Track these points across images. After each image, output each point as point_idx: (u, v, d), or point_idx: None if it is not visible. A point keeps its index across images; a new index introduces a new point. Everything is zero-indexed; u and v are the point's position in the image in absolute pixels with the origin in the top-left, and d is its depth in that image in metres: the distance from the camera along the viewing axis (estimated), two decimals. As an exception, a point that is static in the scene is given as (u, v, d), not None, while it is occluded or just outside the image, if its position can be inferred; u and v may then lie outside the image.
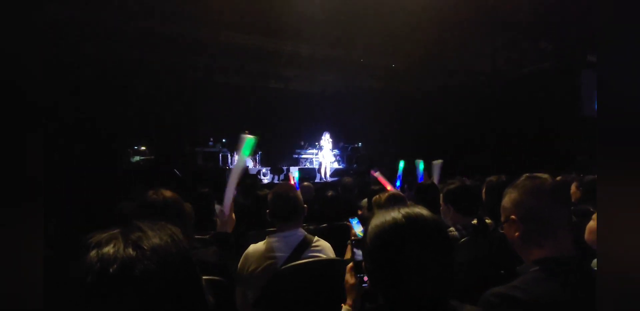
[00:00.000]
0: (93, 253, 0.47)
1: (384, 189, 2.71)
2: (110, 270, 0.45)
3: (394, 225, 0.74)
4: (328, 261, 1.43)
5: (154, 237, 0.50)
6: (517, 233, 0.90)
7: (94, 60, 7.05)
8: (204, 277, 0.54)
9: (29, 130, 0.63)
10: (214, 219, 2.49)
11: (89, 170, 5.89)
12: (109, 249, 0.47)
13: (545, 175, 0.99)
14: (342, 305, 0.97)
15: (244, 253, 1.49)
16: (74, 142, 6.58)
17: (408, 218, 0.75)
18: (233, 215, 1.48)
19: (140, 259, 0.46)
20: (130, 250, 0.47)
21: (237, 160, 1.50)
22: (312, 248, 1.49)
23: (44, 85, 0.65)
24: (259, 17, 6.70)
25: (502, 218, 0.97)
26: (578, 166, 5.01)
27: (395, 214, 0.76)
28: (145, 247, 0.48)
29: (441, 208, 1.89)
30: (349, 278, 0.96)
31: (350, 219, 1.70)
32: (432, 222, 0.76)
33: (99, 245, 0.48)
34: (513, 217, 0.91)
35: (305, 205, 1.64)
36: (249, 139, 1.69)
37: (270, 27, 7.13)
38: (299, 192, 1.66)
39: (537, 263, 0.87)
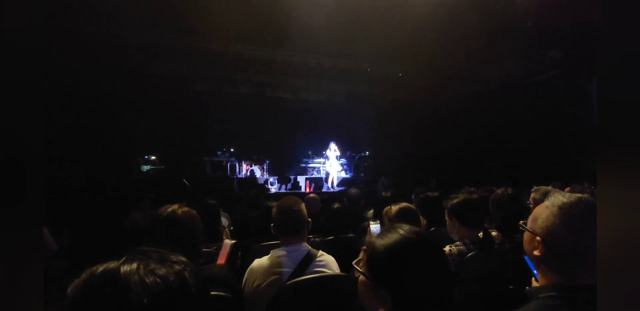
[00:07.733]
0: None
1: (394, 198, 2.68)
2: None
3: (406, 241, 0.76)
4: (332, 277, 1.43)
5: (156, 270, 0.51)
6: (538, 252, 0.85)
7: (106, 71, 7.28)
8: (212, 293, 0.55)
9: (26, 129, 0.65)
10: (220, 230, 2.50)
11: (100, 180, 6.01)
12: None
13: (585, 195, 0.87)
14: None
15: (249, 268, 1.49)
16: (85, 152, 6.73)
17: (419, 235, 0.78)
18: (224, 260, 1.48)
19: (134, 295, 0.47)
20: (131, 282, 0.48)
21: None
22: (317, 263, 1.48)
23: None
24: (267, 29, 6.85)
25: (527, 226, 0.89)
26: (589, 175, 4.90)
27: (403, 232, 0.78)
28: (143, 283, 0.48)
29: (447, 222, 1.88)
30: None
31: (372, 222, 1.73)
32: (435, 240, 0.81)
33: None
34: (538, 238, 0.85)
35: (309, 219, 1.65)
36: None
37: (278, 38, 7.27)
38: (303, 205, 1.67)
39: (554, 289, 0.80)
